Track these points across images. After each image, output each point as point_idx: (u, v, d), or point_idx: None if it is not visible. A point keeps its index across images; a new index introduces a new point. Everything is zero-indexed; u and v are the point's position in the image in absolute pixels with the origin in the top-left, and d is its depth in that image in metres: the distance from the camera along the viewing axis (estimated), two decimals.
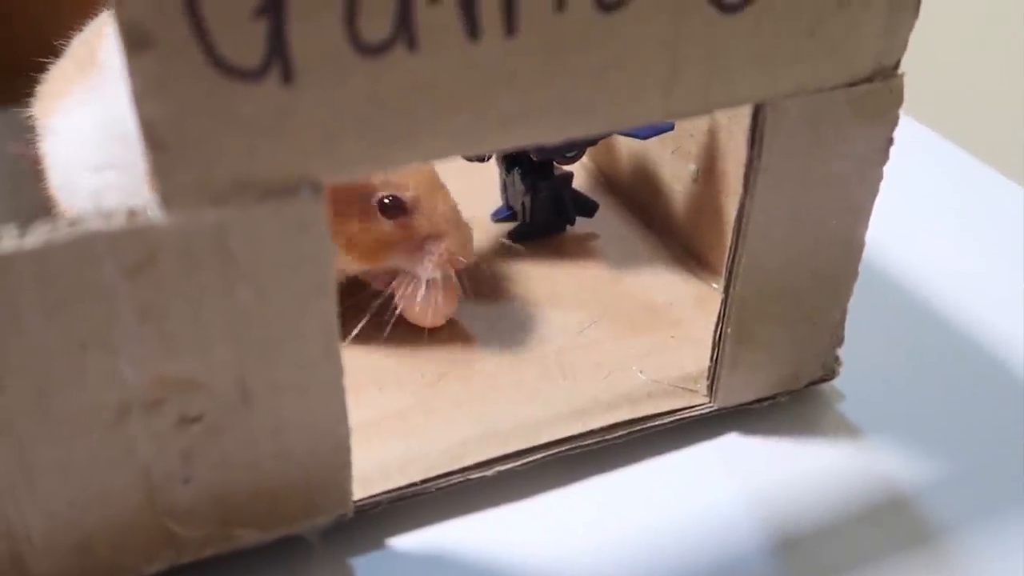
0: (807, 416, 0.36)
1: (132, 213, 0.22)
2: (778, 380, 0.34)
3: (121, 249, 0.22)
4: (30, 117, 0.38)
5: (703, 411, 0.34)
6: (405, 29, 0.22)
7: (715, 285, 0.40)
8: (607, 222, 0.44)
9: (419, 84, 0.23)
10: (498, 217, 0.43)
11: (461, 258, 0.36)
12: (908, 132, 0.30)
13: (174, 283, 0.23)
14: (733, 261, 0.31)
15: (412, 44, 0.22)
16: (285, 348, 0.25)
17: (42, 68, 0.39)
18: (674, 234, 0.43)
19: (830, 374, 0.35)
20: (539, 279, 0.41)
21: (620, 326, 0.38)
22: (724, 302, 0.32)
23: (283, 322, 0.25)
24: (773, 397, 0.35)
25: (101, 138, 0.35)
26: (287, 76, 0.22)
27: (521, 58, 0.24)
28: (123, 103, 0.34)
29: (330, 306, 0.25)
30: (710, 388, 0.34)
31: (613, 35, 0.24)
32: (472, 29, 0.23)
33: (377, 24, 0.22)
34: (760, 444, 0.34)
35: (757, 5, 0.26)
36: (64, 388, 0.23)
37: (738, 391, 0.34)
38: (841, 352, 0.35)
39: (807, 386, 0.35)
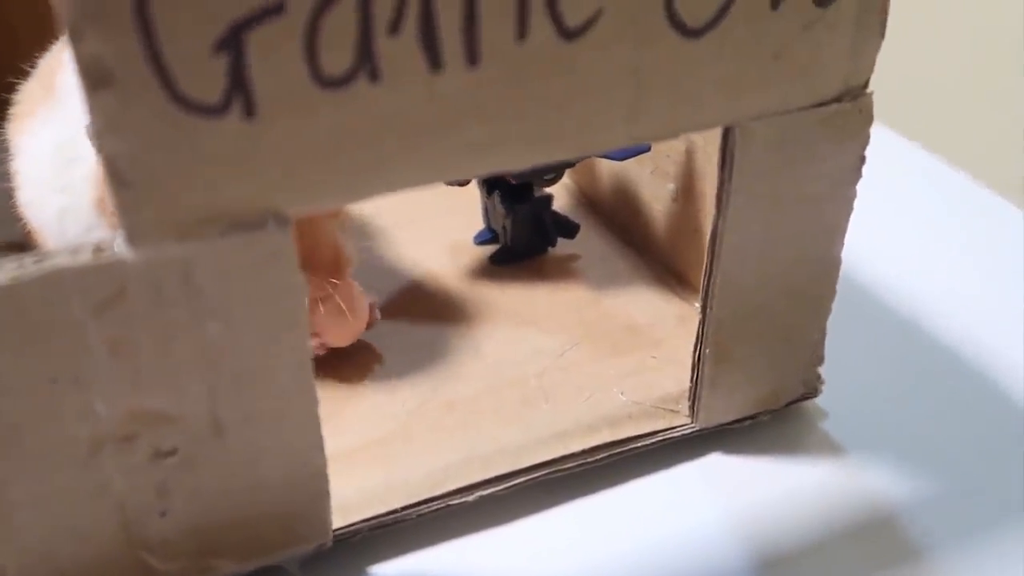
0: (790, 435, 0.36)
1: (99, 248, 0.22)
2: (759, 399, 0.34)
3: (89, 285, 0.22)
4: (4, 139, 0.39)
5: (685, 432, 0.34)
6: (366, 61, 0.22)
7: (696, 304, 0.40)
8: (588, 243, 0.44)
9: (383, 115, 0.23)
10: (480, 240, 0.44)
11: (333, 281, 0.35)
12: (891, 146, 0.31)
13: (143, 318, 0.23)
14: (709, 282, 0.31)
15: (374, 76, 0.23)
16: (257, 380, 0.25)
17: (14, 89, 0.39)
18: (655, 254, 0.43)
19: (812, 392, 0.35)
20: (521, 301, 0.41)
21: (601, 347, 0.38)
22: (701, 322, 0.32)
23: (254, 354, 0.25)
24: (755, 416, 0.35)
25: (58, 161, 0.35)
26: (249, 110, 0.22)
27: (485, 87, 0.24)
28: (73, 132, 0.35)
29: (302, 337, 0.25)
30: (691, 408, 0.34)
31: (576, 63, 0.25)
32: (434, 60, 0.23)
33: (338, 56, 0.22)
34: (743, 464, 0.34)
35: (720, 30, 0.26)
36: (36, 424, 0.24)
37: (719, 411, 0.34)
38: (823, 370, 0.35)
39: (789, 404, 0.35)
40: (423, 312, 0.40)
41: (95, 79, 0.20)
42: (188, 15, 0.20)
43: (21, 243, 0.40)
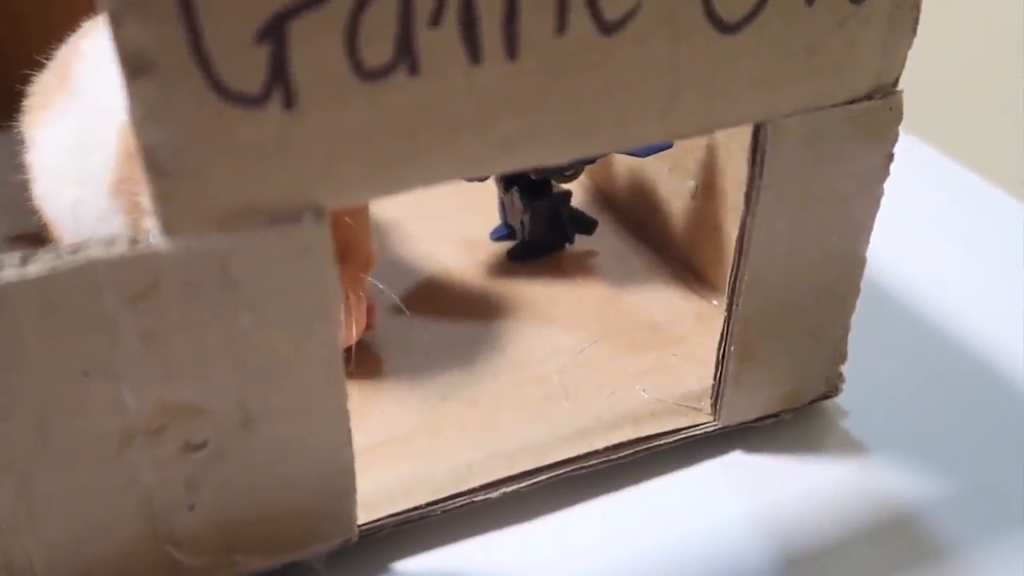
0: (811, 433, 0.35)
1: (134, 240, 0.22)
2: (781, 397, 0.34)
3: (123, 276, 0.22)
4: (19, 131, 0.38)
5: (707, 429, 0.34)
6: (406, 53, 0.22)
7: (715, 302, 0.40)
8: (605, 239, 0.44)
9: (421, 108, 0.23)
10: (497, 236, 0.43)
11: (361, 276, 0.34)
12: (911, 148, 0.30)
13: (176, 310, 0.23)
14: (735, 279, 0.31)
15: (413, 68, 0.22)
16: (288, 373, 0.25)
17: (30, 81, 0.39)
18: (673, 251, 0.43)
19: (833, 391, 0.35)
20: (538, 298, 0.41)
21: (621, 344, 0.38)
22: (727, 320, 0.32)
23: (286, 347, 0.25)
24: (777, 414, 0.35)
25: (74, 152, 0.35)
26: (289, 102, 0.22)
27: (522, 81, 0.24)
28: (89, 120, 0.35)
29: (333, 331, 0.25)
30: (714, 406, 0.34)
31: (613, 57, 0.24)
32: (473, 53, 0.23)
33: (378, 48, 0.22)
34: (764, 462, 0.34)
35: (756, 25, 0.26)
36: (66, 417, 0.23)
37: (742, 409, 0.34)
38: (844, 369, 0.35)
39: (810, 403, 0.35)
40: (441, 309, 0.40)
41: (135, 67, 0.20)
42: (231, 3, 0.20)
43: (36, 235, 0.40)
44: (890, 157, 0.30)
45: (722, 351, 0.32)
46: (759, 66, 0.26)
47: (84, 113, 0.35)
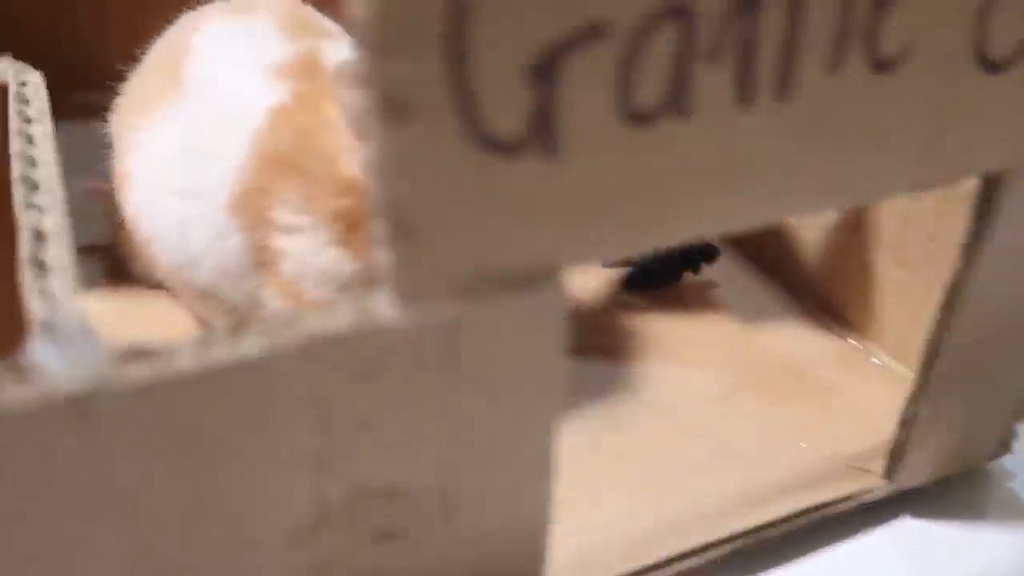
0: (979, 496, 0.33)
1: (361, 310, 0.18)
2: (958, 459, 0.31)
3: (346, 354, 0.18)
4: (107, 133, 0.34)
5: (879, 495, 0.31)
6: (679, 94, 0.19)
7: (852, 341, 0.37)
8: (726, 270, 0.41)
9: (685, 158, 0.20)
10: (611, 262, 0.40)
11: None
12: None
13: (401, 389, 0.19)
14: (938, 337, 0.28)
15: (683, 111, 0.19)
16: (502, 454, 0.22)
17: (120, 77, 0.35)
18: (804, 286, 0.40)
19: (1004, 450, 0.33)
20: (660, 333, 0.38)
21: (765, 391, 0.35)
22: (920, 381, 0.29)
23: (506, 425, 0.21)
24: (946, 476, 0.32)
25: (184, 162, 0.31)
26: (551, 149, 0.18)
27: (789, 126, 0.20)
28: (204, 126, 0.31)
29: (557, 404, 0.22)
30: (890, 468, 0.31)
31: (881, 99, 0.21)
32: (746, 93, 0.20)
33: (651, 88, 0.19)
34: (937, 529, 0.31)
35: (1022, 63, 0.23)
36: (261, 511, 0.20)
37: (918, 472, 0.31)
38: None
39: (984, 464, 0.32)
40: None
41: (395, 110, 0.17)
42: (505, 36, 0.17)
43: (107, 247, 0.36)
44: None
45: (909, 413, 0.29)
46: (1015, 108, 0.24)
47: (198, 118, 0.31)
